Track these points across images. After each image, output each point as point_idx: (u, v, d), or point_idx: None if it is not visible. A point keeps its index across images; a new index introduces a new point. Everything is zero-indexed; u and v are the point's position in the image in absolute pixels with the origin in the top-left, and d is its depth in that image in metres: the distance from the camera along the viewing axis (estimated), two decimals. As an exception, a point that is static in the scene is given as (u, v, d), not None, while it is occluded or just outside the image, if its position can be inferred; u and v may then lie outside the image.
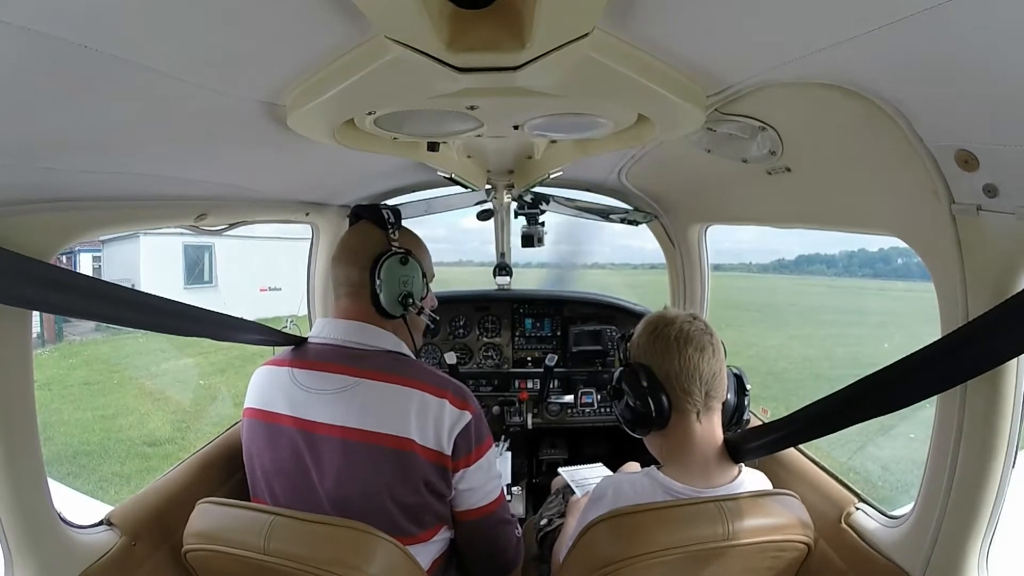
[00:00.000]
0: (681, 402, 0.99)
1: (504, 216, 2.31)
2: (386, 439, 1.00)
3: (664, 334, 1.01)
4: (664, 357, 1.00)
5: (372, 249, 1.13)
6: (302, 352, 1.14)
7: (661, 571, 0.89)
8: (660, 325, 1.03)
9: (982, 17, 0.52)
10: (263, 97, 0.79)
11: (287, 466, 1.04)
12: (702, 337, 1.00)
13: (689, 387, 0.98)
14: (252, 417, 1.11)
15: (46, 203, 0.87)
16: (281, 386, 1.09)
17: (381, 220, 1.16)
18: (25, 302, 0.83)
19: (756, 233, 28.47)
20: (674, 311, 1.06)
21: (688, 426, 1.00)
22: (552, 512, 1.51)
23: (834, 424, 0.92)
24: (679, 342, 0.99)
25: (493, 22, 0.58)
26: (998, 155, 0.69)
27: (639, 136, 1.04)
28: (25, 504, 0.87)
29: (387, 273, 1.11)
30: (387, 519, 1.00)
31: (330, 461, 1.01)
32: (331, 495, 1.01)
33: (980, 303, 0.79)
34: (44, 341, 9.89)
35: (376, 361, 1.08)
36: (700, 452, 1.00)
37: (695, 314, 1.06)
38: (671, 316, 1.04)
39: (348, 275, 1.14)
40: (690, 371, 0.98)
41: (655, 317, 1.06)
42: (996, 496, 0.83)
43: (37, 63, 0.55)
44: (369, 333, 1.12)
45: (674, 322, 1.02)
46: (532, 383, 2.28)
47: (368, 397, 1.03)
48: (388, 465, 1.00)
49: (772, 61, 0.73)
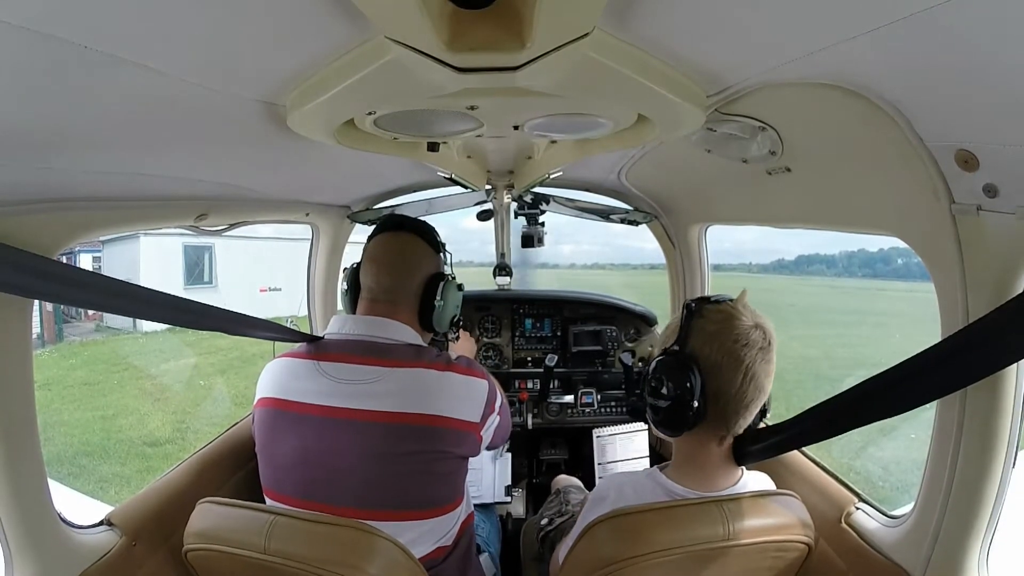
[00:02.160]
0: (714, 421, 0.94)
1: (504, 216, 2.31)
2: (426, 419, 1.05)
3: (735, 352, 0.90)
4: (726, 372, 0.91)
5: (426, 267, 1.21)
6: (324, 346, 1.15)
7: (662, 571, 0.89)
8: (737, 336, 0.91)
9: (982, 17, 0.52)
10: (263, 97, 0.79)
11: (313, 453, 1.05)
12: (764, 368, 0.92)
13: (728, 415, 0.93)
14: (270, 407, 1.11)
15: (46, 203, 0.87)
16: (306, 377, 1.10)
17: (434, 241, 1.25)
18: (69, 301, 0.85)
19: (756, 233, 28.52)
20: (749, 318, 0.93)
21: (707, 442, 0.98)
22: (552, 512, 1.51)
23: (838, 427, 0.91)
24: (747, 372, 0.90)
25: (493, 22, 0.58)
26: (998, 155, 0.69)
27: (639, 136, 1.04)
28: (25, 504, 0.87)
29: (449, 296, 1.21)
30: (423, 496, 1.06)
31: (370, 445, 1.03)
32: (369, 478, 1.03)
33: (980, 303, 0.79)
34: (44, 341, 9.90)
35: (402, 352, 1.12)
36: (707, 460, 0.99)
37: (764, 326, 0.94)
38: (746, 329, 0.91)
39: (391, 285, 1.18)
40: (743, 403, 0.92)
41: (733, 322, 0.92)
42: (996, 496, 0.83)
43: (37, 63, 0.55)
44: (393, 328, 1.15)
45: (750, 342, 0.91)
46: (532, 383, 2.28)
47: (403, 383, 1.07)
48: (429, 443, 1.05)
49: (772, 61, 0.73)
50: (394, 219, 1.26)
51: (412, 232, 1.22)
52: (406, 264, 1.19)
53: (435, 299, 1.18)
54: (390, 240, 1.21)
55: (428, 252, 1.22)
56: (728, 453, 1.00)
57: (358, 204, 1.99)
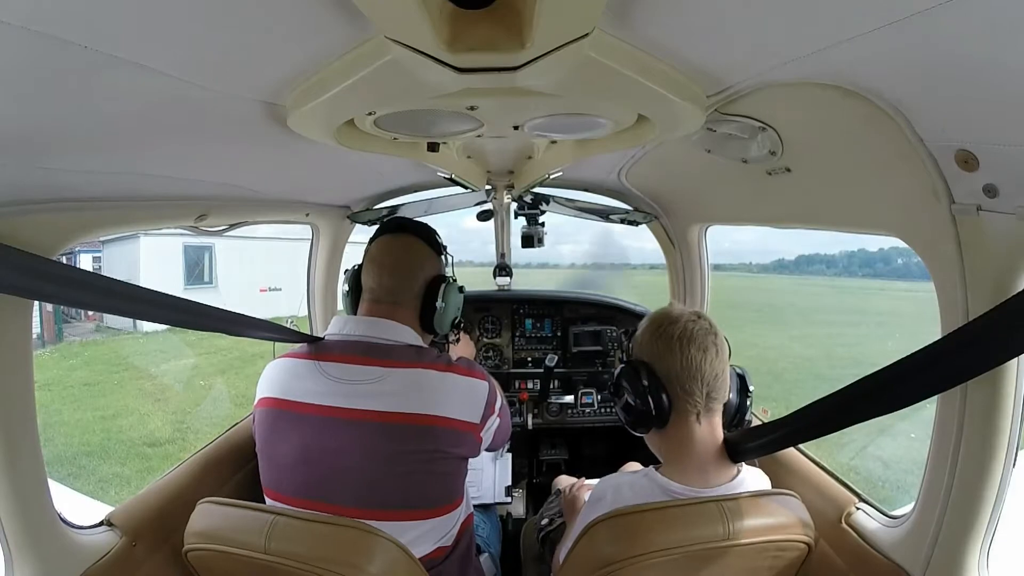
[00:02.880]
0: (681, 402, 0.99)
1: (504, 216, 2.31)
2: (426, 419, 1.05)
3: (667, 333, 1.00)
4: (666, 356, 0.99)
5: (428, 269, 1.22)
6: (325, 347, 1.15)
7: (661, 571, 0.89)
8: (664, 323, 1.01)
9: (982, 17, 0.52)
10: (263, 97, 0.79)
11: (313, 453, 1.05)
12: (705, 337, 0.99)
13: (690, 387, 0.97)
14: (270, 407, 1.11)
15: (46, 203, 0.87)
16: (306, 377, 1.10)
17: (436, 243, 1.26)
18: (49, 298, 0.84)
19: (756, 233, 28.53)
20: (679, 308, 1.04)
21: (688, 426, 1.00)
22: (552, 512, 1.51)
23: (834, 424, 0.92)
24: (682, 341, 0.98)
25: (493, 22, 0.58)
26: (998, 155, 0.69)
27: (639, 136, 1.04)
28: (26, 505, 0.87)
29: (450, 298, 1.22)
30: (423, 495, 1.07)
31: (371, 445, 1.03)
32: (369, 478, 1.03)
33: (980, 303, 0.79)
34: (44, 342, 9.90)
35: (403, 353, 1.12)
36: (699, 452, 0.99)
37: (700, 312, 1.04)
38: (675, 314, 1.02)
39: (393, 286, 1.18)
40: (692, 371, 0.97)
41: (659, 314, 1.04)
42: (996, 496, 0.83)
43: (37, 63, 0.55)
44: (394, 329, 1.15)
45: (678, 320, 1.00)
46: (532, 383, 2.28)
47: (404, 383, 1.07)
48: (429, 442, 1.05)
49: (772, 61, 0.73)
50: (396, 221, 1.27)
51: (414, 234, 1.23)
52: (408, 266, 1.20)
53: (436, 301, 1.19)
54: (392, 242, 1.22)
55: (430, 254, 1.23)
56: (721, 449, 1.01)
57: (358, 204, 1.99)
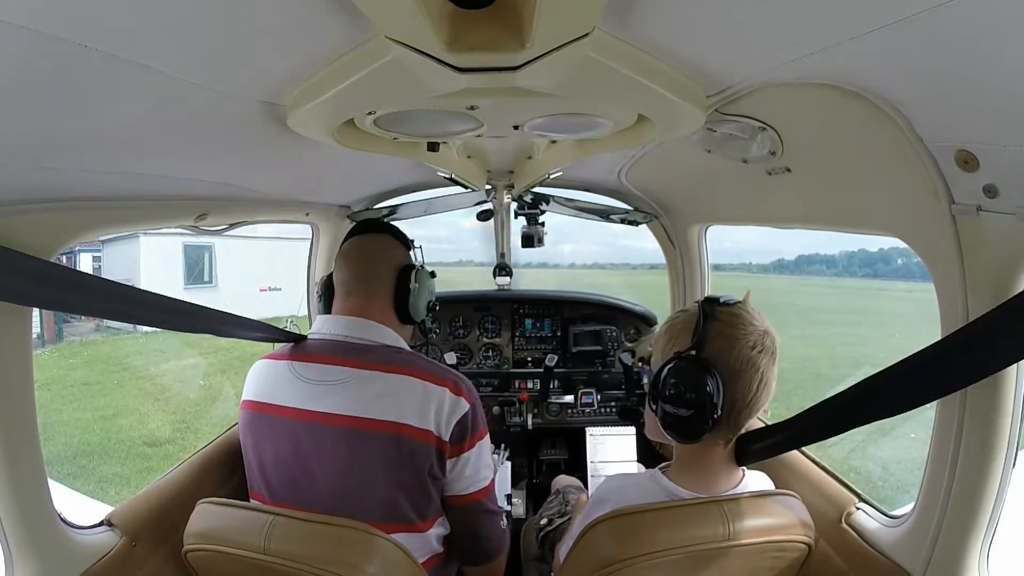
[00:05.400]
0: (723, 428, 0.92)
1: (504, 216, 2.31)
2: (391, 426, 1.02)
3: (752, 360, 0.89)
4: (740, 381, 0.89)
5: (398, 258, 1.23)
6: (302, 347, 1.16)
7: (662, 571, 0.88)
8: (754, 342, 0.90)
9: (982, 17, 0.52)
10: (263, 97, 0.79)
11: (287, 457, 1.05)
12: (773, 372, 0.91)
13: (740, 421, 0.92)
14: (250, 409, 1.12)
15: (46, 203, 0.87)
16: (280, 379, 1.10)
17: (403, 237, 1.28)
18: (41, 302, 0.84)
19: (756, 233, 28.56)
20: (760, 323, 0.92)
21: (713, 445, 0.97)
22: (552, 512, 1.51)
23: (838, 426, 0.91)
24: (762, 379, 0.90)
25: (493, 22, 0.58)
26: (998, 155, 0.69)
27: (639, 136, 1.04)
28: (25, 505, 0.87)
29: (423, 281, 1.23)
30: (391, 506, 1.03)
31: (335, 450, 1.02)
32: (335, 484, 1.02)
33: (980, 303, 0.78)
34: (44, 341, 9.90)
35: (377, 354, 1.11)
36: (715, 464, 0.99)
37: (771, 331, 0.93)
38: (760, 335, 0.90)
39: (364, 275, 1.18)
40: (752, 409, 0.91)
41: (748, 327, 0.90)
42: (996, 496, 0.83)
43: (37, 63, 0.55)
44: (371, 329, 1.14)
45: (764, 348, 0.90)
46: (532, 383, 2.28)
47: (372, 387, 1.05)
48: (393, 451, 1.02)
49: (772, 61, 0.73)
50: (363, 223, 1.30)
51: (381, 232, 1.26)
52: (378, 255, 1.21)
53: (410, 283, 1.19)
54: (360, 240, 1.24)
55: (398, 246, 1.25)
56: (730, 454, 1.00)
57: (358, 204, 1.99)
